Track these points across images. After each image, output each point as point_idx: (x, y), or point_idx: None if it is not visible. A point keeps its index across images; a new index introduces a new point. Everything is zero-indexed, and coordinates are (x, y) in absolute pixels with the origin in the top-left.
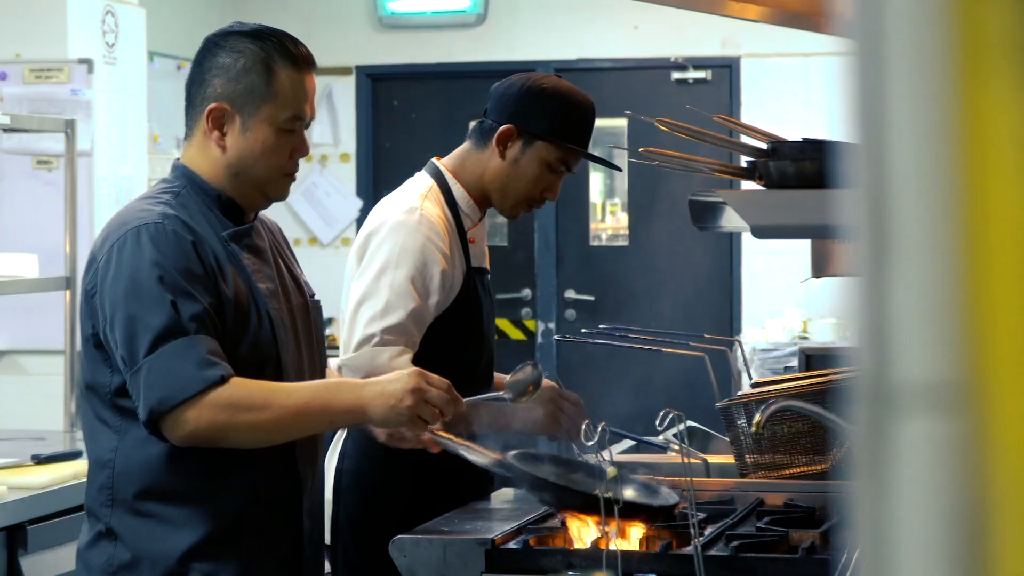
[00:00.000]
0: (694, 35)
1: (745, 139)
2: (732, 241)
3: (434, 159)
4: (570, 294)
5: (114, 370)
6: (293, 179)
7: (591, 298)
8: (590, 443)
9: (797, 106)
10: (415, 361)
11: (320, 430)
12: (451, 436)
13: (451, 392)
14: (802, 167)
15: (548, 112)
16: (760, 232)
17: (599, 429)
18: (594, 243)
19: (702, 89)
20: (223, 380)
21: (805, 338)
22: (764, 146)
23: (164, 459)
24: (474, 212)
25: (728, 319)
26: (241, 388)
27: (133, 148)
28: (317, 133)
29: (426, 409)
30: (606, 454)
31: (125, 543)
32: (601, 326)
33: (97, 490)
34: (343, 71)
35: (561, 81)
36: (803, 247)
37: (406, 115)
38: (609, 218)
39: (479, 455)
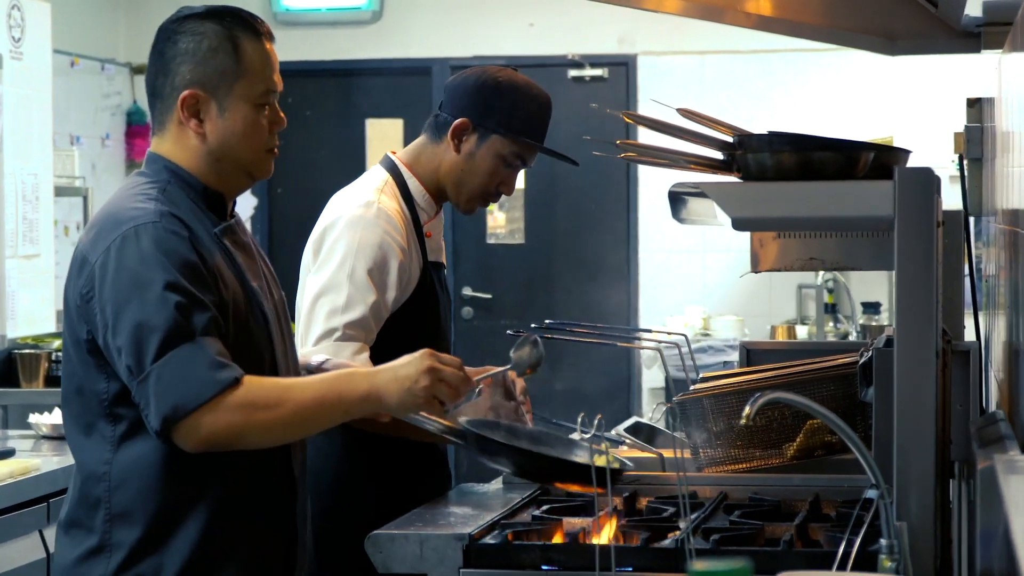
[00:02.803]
0: (590, 33)
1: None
2: (629, 238)
3: (389, 152)
4: (467, 292)
5: (110, 376)
6: (275, 155)
7: (488, 296)
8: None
9: (693, 103)
10: (373, 355)
11: (335, 422)
12: (424, 415)
13: (463, 370)
14: (781, 159)
15: (503, 106)
16: (740, 225)
17: (596, 422)
18: (491, 241)
19: (599, 87)
20: (237, 382)
21: (707, 335)
22: (729, 139)
23: (163, 469)
24: (430, 206)
25: (626, 316)
26: (255, 387)
27: (38, 145)
28: None
29: (441, 388)
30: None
31: (122, 555)
32: (547, 321)
33: (91, 505)
34: None
35: (517, 75)
36: (701, 245)
37: (301, 112)
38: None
39: (440, 424)
